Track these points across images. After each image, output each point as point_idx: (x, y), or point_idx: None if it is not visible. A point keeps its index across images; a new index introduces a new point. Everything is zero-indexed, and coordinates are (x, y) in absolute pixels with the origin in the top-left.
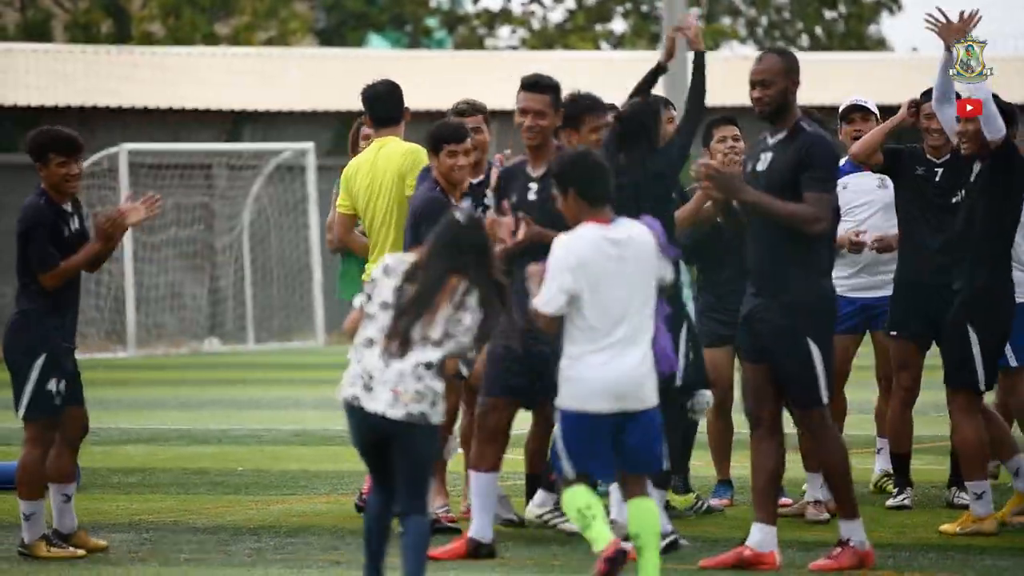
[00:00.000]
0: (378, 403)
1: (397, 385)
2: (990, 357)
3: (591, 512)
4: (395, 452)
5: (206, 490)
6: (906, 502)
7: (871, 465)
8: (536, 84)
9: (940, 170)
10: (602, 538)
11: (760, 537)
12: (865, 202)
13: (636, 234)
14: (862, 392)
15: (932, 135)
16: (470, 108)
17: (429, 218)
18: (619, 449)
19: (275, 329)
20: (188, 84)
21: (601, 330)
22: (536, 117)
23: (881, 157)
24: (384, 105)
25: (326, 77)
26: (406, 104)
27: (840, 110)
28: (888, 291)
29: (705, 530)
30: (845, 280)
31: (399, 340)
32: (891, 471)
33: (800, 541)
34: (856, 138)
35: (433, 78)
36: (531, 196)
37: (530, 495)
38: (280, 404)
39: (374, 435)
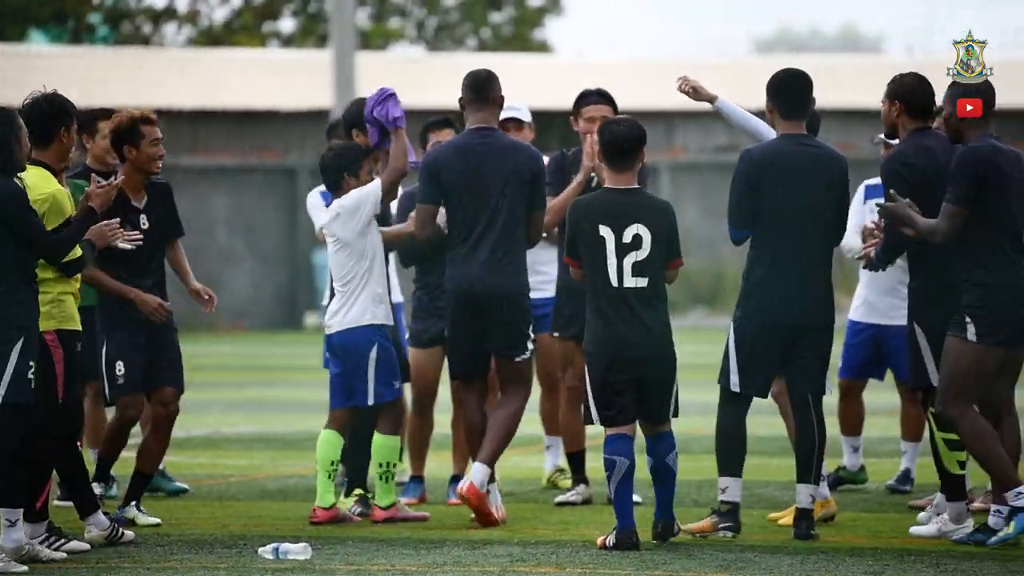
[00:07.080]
0: None
1: None
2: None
3: (332, 468)
4: None
5: None
6: (573, 498)
7: (541, 463)
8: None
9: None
10: (320, 496)
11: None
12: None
13: (349, 202)
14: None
15: (588, 139)
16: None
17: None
18: None
19: None
20: None
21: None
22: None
23: None
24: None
25: None
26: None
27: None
28: (550, 292)
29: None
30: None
31: None
32: (563, 466)
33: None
34: None
35: (96, 75)
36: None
37: None
38: None
39: None
